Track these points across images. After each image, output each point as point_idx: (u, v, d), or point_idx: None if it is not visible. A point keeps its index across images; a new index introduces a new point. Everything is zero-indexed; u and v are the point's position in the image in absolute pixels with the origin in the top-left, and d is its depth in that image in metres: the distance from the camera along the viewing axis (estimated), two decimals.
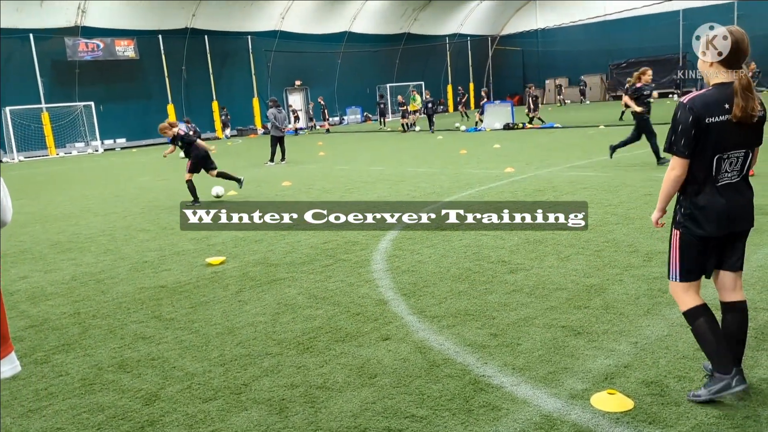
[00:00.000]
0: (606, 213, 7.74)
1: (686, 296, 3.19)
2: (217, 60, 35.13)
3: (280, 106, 18.70)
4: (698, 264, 3.16)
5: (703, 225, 3.06)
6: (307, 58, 39.68)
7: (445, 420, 3.17)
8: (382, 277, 5.76)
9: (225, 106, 34.89)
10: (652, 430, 2.94)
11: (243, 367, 4.00)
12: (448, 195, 10.10)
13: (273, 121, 17.86)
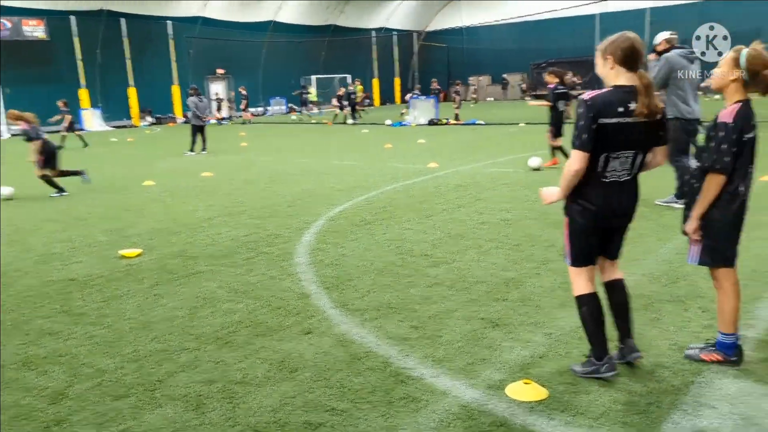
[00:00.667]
0: (525, 209, 7.97)
1: (579, 280, 3.37)
2: (135, 45, 33.63)
3: (202, 94, 18.16)
4: (586, 251, 3.34)
5: (586, 217, 3.24)
6: (230, 46, 38.71)
7: (366, 413, 3.17)
8: (304, 271, 5.71)
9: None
10: (564, 418, 3.05)
11: (158, 362, 3.86)
12: (373, 189, 10.12)
13: (194, 110, 17.37)
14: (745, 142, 3.22)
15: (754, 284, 4.79)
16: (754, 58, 3.17)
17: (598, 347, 3.35)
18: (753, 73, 3.18)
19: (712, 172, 3.24)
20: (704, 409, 3.07)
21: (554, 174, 10.63)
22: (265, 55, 41.83)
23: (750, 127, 3.24)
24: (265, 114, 40.83)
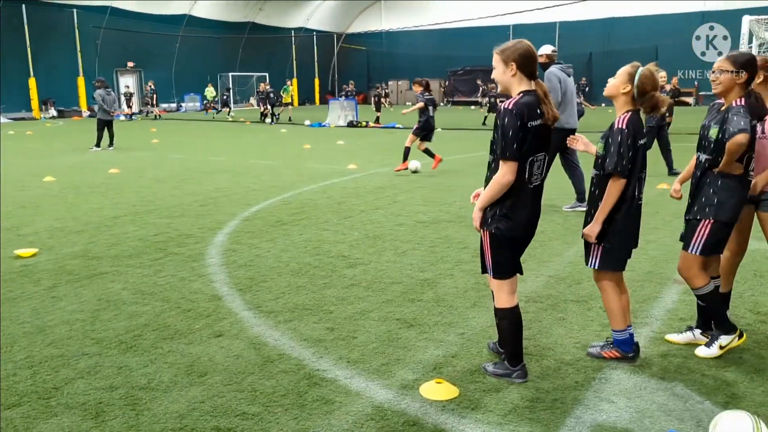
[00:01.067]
0: (440, 211, 8.11)
1: (502, 293, 3.38)
2: (37, 33, 31.65)
3: (110, 87, 17.34)
4: (511, 262, 3.37)
5: (517, 227, 3.27)
6: (142, 38, 37.16)
7: (278, 416, 3.11)
8: (216, 272, 5.55)
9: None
10: (474, 416, 3.11)
11: (54, 369, 3.63)
12: (291, 189, 10.00)
13: (101, 104, 16.58)
14: (638, 147, 3.43)
15: (649, 285, 5.08)
16: (646, 78, 3.37)
17: (514, 356, 3.45)
18: (642, 92, 3.38)
19: (614, 176, 3.40)
20: (604, 403, 3.22)
21: (468, 178, 10.87)
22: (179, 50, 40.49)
23: (642, 134, 3.47)
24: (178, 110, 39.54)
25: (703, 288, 3.69)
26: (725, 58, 3.63)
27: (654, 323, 4.27)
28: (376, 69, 50.62)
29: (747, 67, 3.54)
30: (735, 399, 3.25)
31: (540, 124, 3.18)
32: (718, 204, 3.60)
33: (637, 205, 3.54)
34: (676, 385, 3.40)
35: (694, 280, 3.70)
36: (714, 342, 3.72)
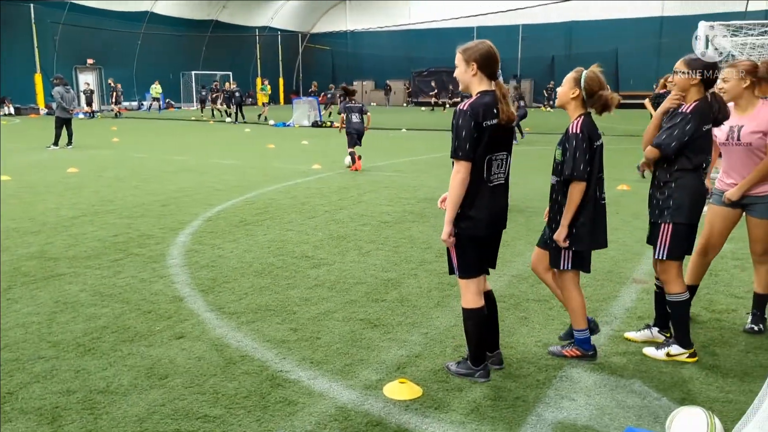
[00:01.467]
0: (404, 211, 8.13)
1: (469, 293, 3.41)
2: None
3: (68, 84, 16.93)
4: (476, 262, 3.39)
5: (479, 225, 3.30)
6: (102, 35, 36.31)
7: (240, 418, 3.08)
8: (178, 273, 5.46)
9: None
10: (437, 415, 3.13)
11: (9, 373, 3.53)
12: (254, 189, 9.91)
13: (59, 101, 16.18)
14: (594, 149, 3.50)
15: (609, 284, 5.18)
16: (592, 80, 3.46)
17: (477, 355, 3.49)
18: (590, 93, 3.47)
19: (574, 180, 3.46)
20: (564, 401, 3.27)
21: (432, 178, 10.92)
22: (141, 48, 39.74)
23: (597, 136, 3.56)
24: (140, 108, 38.80)
25: (677, 295, 3.71)
26: (682, 59, 3.70)
27: (614, 322, 4.36)
28: (341, 69, 50.50)
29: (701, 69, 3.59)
30: (690, 395, 3.34)
31: (496, 123, 3.21)
32: (675, 205, 3.65)
33: (601, 205, 3.61)
34: (634, 382, 3.48)
35: (669, 284, 3.73)
36: (665, 347, 3.77)
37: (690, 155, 3.58)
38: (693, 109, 3.56)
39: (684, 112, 3.57)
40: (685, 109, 3.59)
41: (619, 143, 17.80)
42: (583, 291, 4.95)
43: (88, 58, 36.68)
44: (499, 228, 3.45)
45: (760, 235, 4.08)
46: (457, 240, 3.32)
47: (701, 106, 3.58)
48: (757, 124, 3.90)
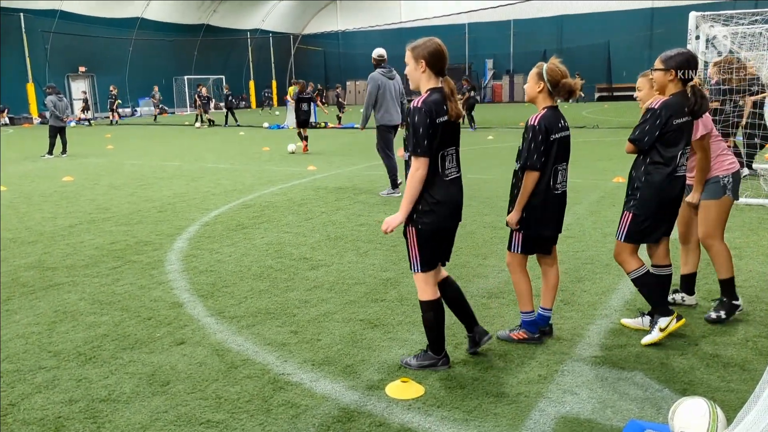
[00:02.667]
0: None
1: (427, 286, 3.48)
2: None
3: (61, 93, 16.92)
4: (435, 255, 3.48)
5: (441, 218, 3.38)
6: (93, 42, 36.29)
7: (243, 422, 3.08)
8: (177, 279, 5.46)
9: None
10: (440, 413, 3.13)
11: (10, 385, 3.52)
12: (251, 192, 9.90)
13: (53, 110, 16.16)
14: (552, 141, 3.66)
15: (608, 276, 5.19)
16: (553, 71, 3.66)
17: (438, 344, 3.59)
18: (554, 83, 3.66)
19: (527, 169, 3.67)
20: (567, 395, 3.28)
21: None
22: (132, 54, 39.67)
23: (557, 129, 3.69)
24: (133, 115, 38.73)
25: (633, 272, 3.85)
26: (659, 57, 3.83)
27: (613, 314, 4.37)
28: (334, 69, 50.51)
29: (674, 64, 3.71)
30: (692, 386, 3.35)
31: (446, 120, 3.30)
32: (640, 198, 3.78)
33: (554, 195, 3.77)
34: (636, 374, 3.49)
35: (624, 264, 3.89)
36: (654, 327, 3.84)
37: (661, 149, 3.72)
38: (661, 104, 3.69)
39: (653, 107, 3.70)
40: (653, 104, 3.71)
41: (615, 135, 17.83)
42: (582, 284, 4.97)
43: (80, 66, 36.62)
44: (458, 220, 3.55)
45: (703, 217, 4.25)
46: (420, 236, 3.39)
47: (671, 101, 3.70)
48: None
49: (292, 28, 50.83)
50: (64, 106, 16.46)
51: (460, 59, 45.13)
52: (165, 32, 40.96)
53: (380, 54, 9.39)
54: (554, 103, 3.74)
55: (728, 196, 4.20)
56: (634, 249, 3.88)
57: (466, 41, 45.67)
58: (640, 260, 3.87)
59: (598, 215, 7.49)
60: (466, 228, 7.02)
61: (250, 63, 46.52)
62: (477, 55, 45.25)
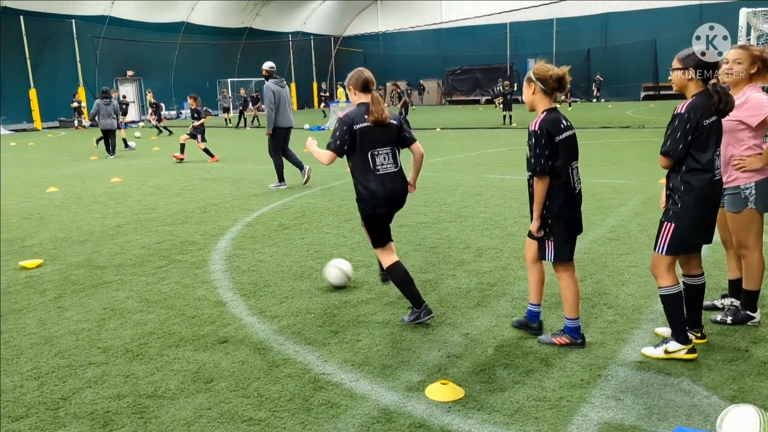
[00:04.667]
0: (441, 212, 8.11)
1: (384, 256, 4.36)
2: (37, 44, 31.75)
3: (110, 98, 17.51)
4: (382, 233, 4.35)
5: (375, 205, 4.26)
6: (140, 47, 37.27)
7: (284, 421, 3.12)
8: (220, 278, 5.56)
9: None
10: (480, 416, 3.11)
11: (62, 379, 3.65)
12: (292, 193, 10.02)
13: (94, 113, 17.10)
14: (557, 143, 3.63)
15: (653, 281, 5.06)
16: (538, 69, 3.71)
17: (415, 298, 4.27)
18: (543, 80, 3.68)
19: (536, 176, 3.65)
20: (610, 401, 3.22)
21: (468, 178, 10.86)
22: (178, 57, 40.59)
23: (560, 130, 3.66)
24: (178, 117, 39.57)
25: (666, 288, 3.62)
26: (677, 56, 3.59)
27: (658, 319, 4.27)
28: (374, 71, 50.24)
29: (692, 63, 3.49)
30: (742, 393, 3.25)
31: (367, 125, 4.22)
32: (682, 208, 3.54)
33: (575, 194, 3.76)
34: (682, 380, 3.40)
35: (660, 278, 3.65)
36: (662, 344, 3.65)
37: (695, 154, 3.47)
38: (687, 107, 3.46)
39: (679, 112, 3.47)
40: (679, 109, 3.48)
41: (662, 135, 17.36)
42: (626, 288, 4.88)
43: (127, 70, 37.63)
44: (394, 207, 4.39)
45: (732, 228, 4.05)
46: (368, 223, 4.34)
47: (696, 102, 3.46)
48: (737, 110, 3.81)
49: (333, 30, 51.21)
50: (109, 110, 16.99)
51: (501, 59, 44.76)
52: (209, 36, 41.78)
53: (271, 66, 11.11)
54: (552, 104, 3.74)
55: (751, 208, 3.92)
56: (672, 262, 3.65)
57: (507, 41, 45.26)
58: (676, 278, 3.65)
59: (643, 217, 7.33)
60: (507, 230, 6.96)
61: (292, 65, 47.04)
62: (518, 55, 44.79)
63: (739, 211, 3.96)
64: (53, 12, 32.71)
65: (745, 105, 3.88)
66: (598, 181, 9.76)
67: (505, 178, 10.24)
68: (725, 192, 3.99)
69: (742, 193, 3.93)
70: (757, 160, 3.88)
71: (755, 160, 3.89)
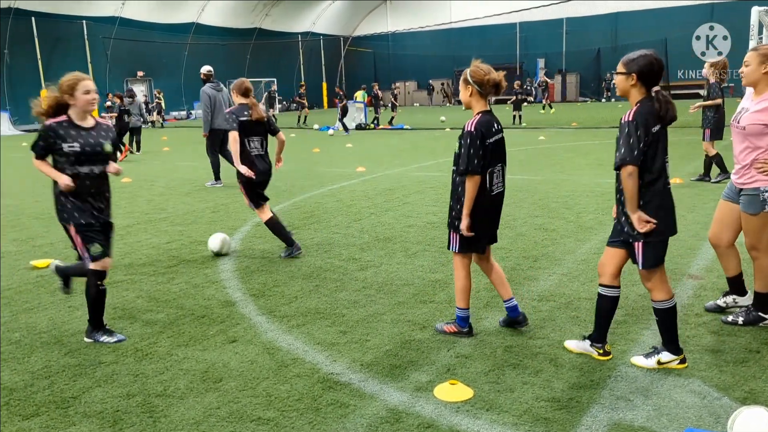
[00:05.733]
0: None
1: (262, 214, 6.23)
2: (48, 45, 31.96)
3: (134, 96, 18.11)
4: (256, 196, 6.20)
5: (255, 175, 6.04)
6: (151, 48, 37.47)
7: (293, 420, 3.12)
8: (229, 278, 5.58)
9: None
10: (489, 416, 3.10)
11: (72, 378, 3.67)
12: (301, 193, 10.03)
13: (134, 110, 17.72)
14: (487, 146, 3.76)
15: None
16: (475, 72, 3.79)
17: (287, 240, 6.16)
18: (479, 83, 3.78)
19: (468, 174, 3.73)
20: (620, 402, 3.20)
21: None
22: (188, 58, 40.76)
23: (491, 133, 3.80)
24: (188, 117, 39.76)
25: (659, 302, 3.54)
26: (622, 60, 3.45)
27: None
28: (384, 71, 50.66)
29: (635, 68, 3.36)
30: (753, 394, 3.22)
31: (249, 119, 5.97)
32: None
33: (491, 197, 3.84)
34: (693, 381, 3.38)
35: (654, 291, 3.56)
36: (655, 355, 3.58)
37: (648, 163, 3.36)
38: (634, 114, 3.34)
39: (628, 120, 3.34)
40: (627, 117, 3.35)
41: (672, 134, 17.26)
42: (636, 288, 4.85)
43: (138, 71, 37.83)
44: (265, 178, 6.22)
45: (745, 228, 4.02)
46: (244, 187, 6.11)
47: (641, 109, 3.35)
48: (761, 111, 3.81)
49: (343, 31, 51.24)
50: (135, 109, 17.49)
51: (510, 59, 44.60)
52: (219, 36, 41.92)
53: (208, 70, 11.55)
54: (487, 106, 3.85)
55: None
56: (662, 273, 3.53)
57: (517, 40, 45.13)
58: (671, 290, 3.57)
59: None
60: (516, 230, 6.93)
61: (301, 65, 47.12)
62: (528, 55, 44.64)
63: (756, 213, 3.91)
64: (64, 13, 32.94)
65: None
66: (608, 182, 9.71)
67: (515, 178, 10.20)
68: (742, 192, 3.97)
69: (761, 195, 3.88)
70: None
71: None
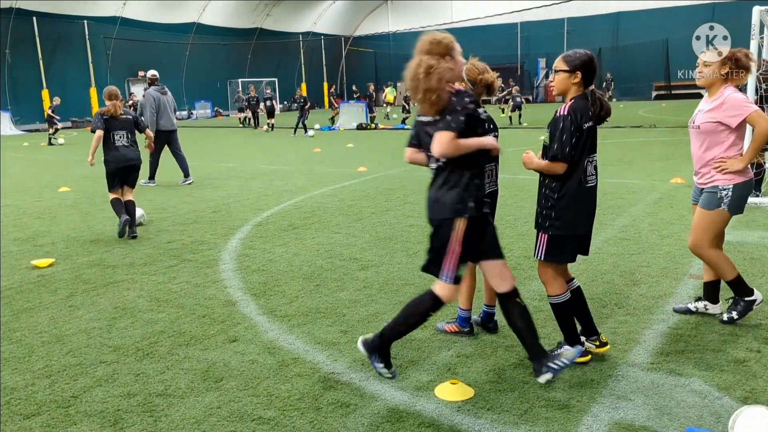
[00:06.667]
0: None
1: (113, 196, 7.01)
2: (49, 45, 32.01)
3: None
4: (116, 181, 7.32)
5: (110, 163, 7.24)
6: (151, 47, 37.50)
7: (294, 420, 3.12)
8: (230, 278, 5.58)
9: None
10: (490, 416, 3.10)
11: (72, 377, 3.67)
12: (302, 193, 10.03)
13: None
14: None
15: (665, 281, 5.04)
16: (470, 70, 3.80)
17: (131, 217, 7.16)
18: (472, 82, 3.79)
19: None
20: (621, 401, 3.20)
21: None
22: (189, 58, 40.80)
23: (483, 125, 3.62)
24: (189, 118, 39.79)
25: (554, 297, 3.56)
26: (560, 57, 3.51)
27: (670, 319, 4.24)
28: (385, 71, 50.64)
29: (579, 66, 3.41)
30: (754, 394, 3.22)
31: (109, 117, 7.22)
32: (556, 217, 3.46)
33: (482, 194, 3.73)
34: (694, 381, 3.37)
35: (547, 286, 3.59)
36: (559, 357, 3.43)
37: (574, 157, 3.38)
38: (569, 109, 3.38)
39: (563, 114, 3.38)
40: (562, 111, 3.40)
41: (673, 134, 17.29)
42: (637, 288, 4.84)
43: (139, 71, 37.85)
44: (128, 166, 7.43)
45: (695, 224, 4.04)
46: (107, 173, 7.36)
47: (576, 105, 3.39)
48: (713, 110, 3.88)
49: (344, 30, 51.26)
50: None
51: (511, 59, 44.60)
52: (220, 36, 41.97)
53: (153, 74, 12.10)
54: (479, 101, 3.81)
55: (723, 209, 3.91)
56: (557, 269, 3.56)
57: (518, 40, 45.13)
58: (564, 285, 3.58)
59: (654, 217, 7.28)
60: (518, 230, 6.93)
61: (302, 65, 47.14)
62: (529, 54, 44.62)
63: (711, 209, 3.95)
64: (65, 13, 33.00)
65: (723, 106, 3.87)
66: (610, 181, 9.70)
67: (517, 177, 10.20)
68: (703, 191, 4.02)
69: (719, 193, 3.92)
70: (738, 162, 3.88)
71: (736, 161, 3.89)
